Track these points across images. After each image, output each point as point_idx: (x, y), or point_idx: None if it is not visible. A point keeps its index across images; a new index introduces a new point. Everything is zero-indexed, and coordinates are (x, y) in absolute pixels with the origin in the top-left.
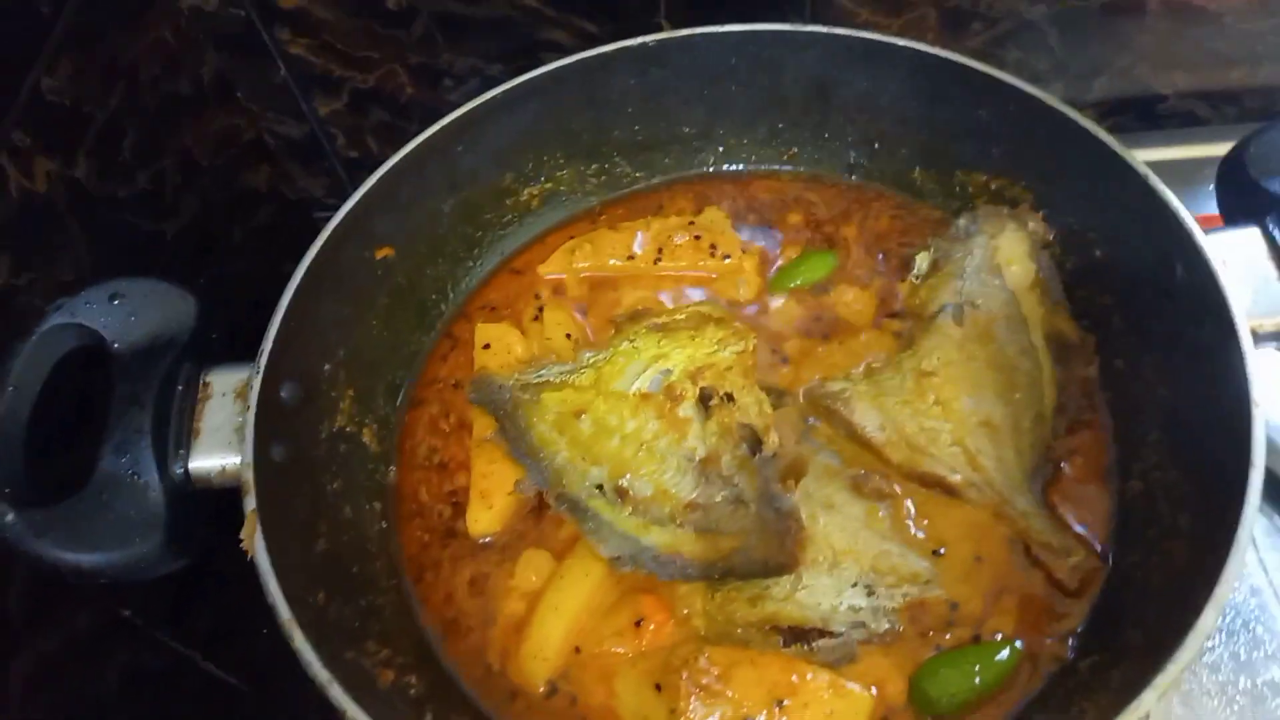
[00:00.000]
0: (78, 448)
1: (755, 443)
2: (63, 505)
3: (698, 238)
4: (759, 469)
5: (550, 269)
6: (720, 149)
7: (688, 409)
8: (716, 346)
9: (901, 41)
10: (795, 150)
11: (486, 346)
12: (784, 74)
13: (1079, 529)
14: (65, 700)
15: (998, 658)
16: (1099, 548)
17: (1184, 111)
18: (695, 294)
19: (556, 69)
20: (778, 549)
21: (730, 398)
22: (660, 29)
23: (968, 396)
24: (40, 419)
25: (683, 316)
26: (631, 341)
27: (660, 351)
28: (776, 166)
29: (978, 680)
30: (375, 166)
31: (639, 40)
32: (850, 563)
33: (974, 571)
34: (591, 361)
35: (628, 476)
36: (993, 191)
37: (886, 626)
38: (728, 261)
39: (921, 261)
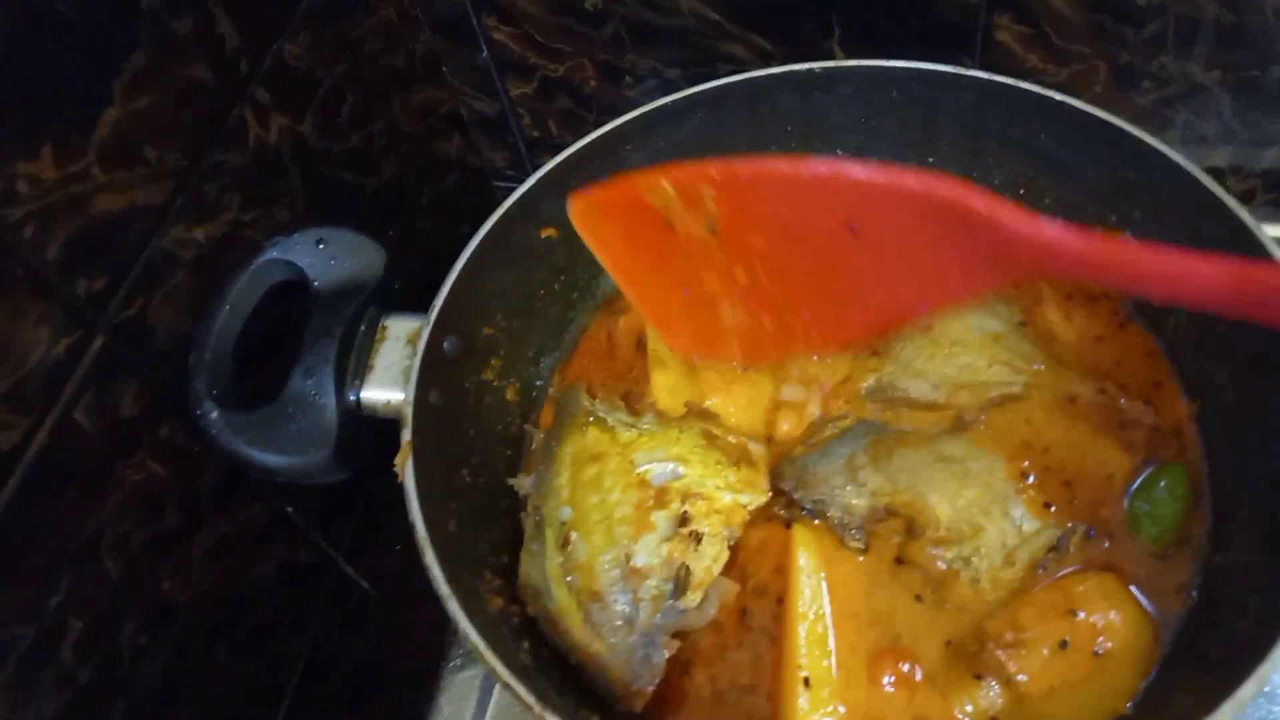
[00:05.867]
0: (274, 366)
1: (682, 588)
2: (257, 412)
3: None
4: (664, 611)
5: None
6: None
7: (660, 517)
8: (728, 487)
9: (1059, 96)
10: None
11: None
12: (941, 112)
13: None
14: (232, 577)
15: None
16: None
17: None
18: None
19: (724, 85)
20: (625, 685)
21: (698, 539)
22: (832, 54)
23: (969, 325)
24: (248, 338)
25: (734, 441)
26: (680, 431)
27: (689, 455)
28: None
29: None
30: (552, 146)
31: (806, 66)
32: (986, 507)
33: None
34: (645, 427)
35: (577, 534)
36: None
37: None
38: None
39: None
